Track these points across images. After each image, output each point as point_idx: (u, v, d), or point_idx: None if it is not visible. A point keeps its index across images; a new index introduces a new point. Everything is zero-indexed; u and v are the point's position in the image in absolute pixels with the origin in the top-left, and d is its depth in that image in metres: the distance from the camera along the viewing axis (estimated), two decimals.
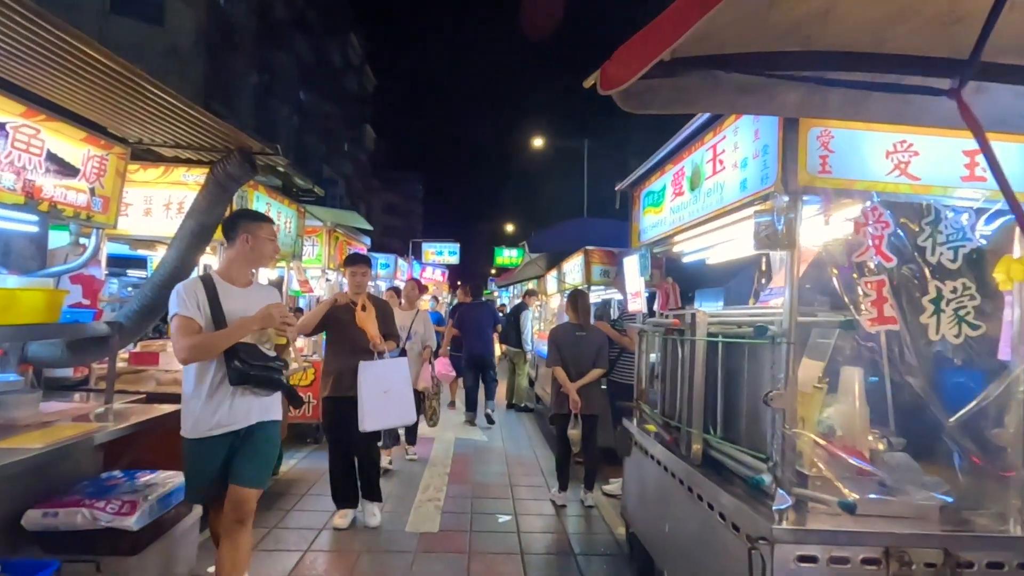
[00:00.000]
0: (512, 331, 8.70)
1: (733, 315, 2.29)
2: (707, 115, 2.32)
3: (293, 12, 35.24)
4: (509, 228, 30.81)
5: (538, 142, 26.04)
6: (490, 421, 7.56)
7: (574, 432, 4.38)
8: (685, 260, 3.36)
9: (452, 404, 8.59)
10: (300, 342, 5.63)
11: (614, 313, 6.10)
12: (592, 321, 4.85)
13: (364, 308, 3.60)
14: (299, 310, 6.23)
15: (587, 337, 4.51)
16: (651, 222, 3.22)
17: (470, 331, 7.38)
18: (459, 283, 9.13)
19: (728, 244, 2.87)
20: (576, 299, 4.61)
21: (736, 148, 2.18)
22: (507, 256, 19.18)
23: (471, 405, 7.74)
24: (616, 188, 3.59)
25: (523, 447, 6.47)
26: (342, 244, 6.61)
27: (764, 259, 3.35)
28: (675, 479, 2.59)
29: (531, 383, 9.55)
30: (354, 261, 3.93)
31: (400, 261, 10.69)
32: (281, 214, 4.60)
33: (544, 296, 10.18)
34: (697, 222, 2.55)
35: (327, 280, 6.20)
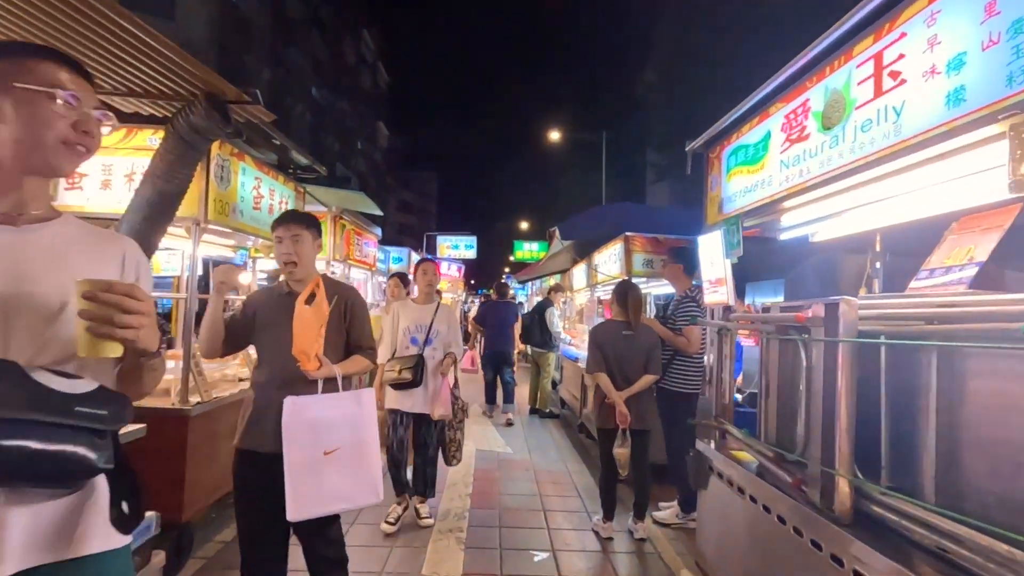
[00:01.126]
0: (536, 330, 7.94)
1: (907, 305, 1.53)
2: (866, 8, 1.56)
3: (307, 8, 34.90)
4: (525, 225, 30.03)
5: (555, 136, 25.31)
6: (509, 423, 7.38)
7: (621, 451, 3.63)
8: (783, 237, 2.59)
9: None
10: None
11: (649, 310, 5.37)
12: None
13: (309, 301, 2.05)
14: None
15: (636, 338, 3.76)
16: (742, 186, 2.46)
17: (492, 328, 7.75)
18: (497, 284, 9.37)
19: (898, 203, 1.98)
20: (625, 291, 3.86)
21: (933, 45, 1.42)
22: (527, 250, 18.34)
23: (490, 398, 7.99)
24: (687, 148, 2.84)
25: (552, 460, 5.73)
26: (349, 234, 5.93)
27: (877, 237, 2.59)
28: (799, 535, 1.84)
29: (554, 386, 8.82)
30: (281, 221, 2.27)
31: (415, 255, 10.00)
32: (275, 192, 3.92)
33: (569, 292, 9.43)
34: (840, 172, 1.79)
35: (332, 272, 5.52)
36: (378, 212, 5.39)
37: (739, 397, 5.00)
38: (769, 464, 2.11)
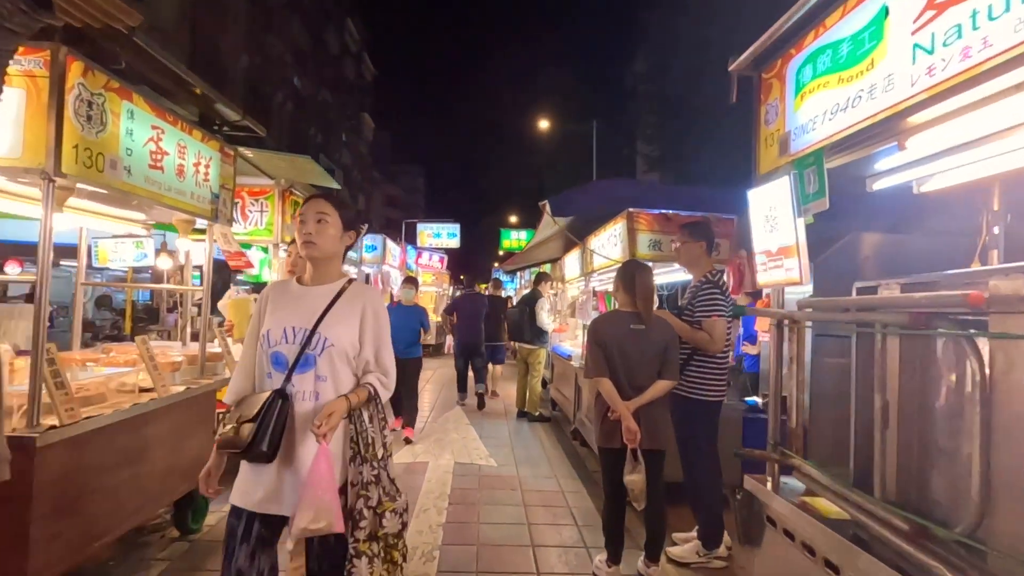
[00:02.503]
0: (524, 325, 7.14)
1: None
2: None
3: None
4: (514, 218, 29.13)
5: (545, 127, 24.50)
6: (481, 404, 7.86)
7: (635, 479, 2.83)
8: (878, 186, 1.79)
9: (494, 393, 8.74)
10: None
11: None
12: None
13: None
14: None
15: (648, 333, 2.96)
16: (826, 106, 1.65)
17: (462, 319, 7.99)
18: (467, 277, 9.80)
19: None
20: (632, 274, 3.05)
21: None
22: (515, 239, 17.41)
23: (462, 387, 8.21)
24: (730, 68, 2.04)
25: (543, 475, 4.94)
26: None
27: (995, 190, 1.83)
28: None
29: (544, 385, 8.05)
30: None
31: (390, 244, 9.13)
32: (187, 150, 3.07)
33: (560, 283, 8.62)
34: None
35: (282, 255, 4.67)
36: (335, 185, 4.54)
37: (758, 400, 4.25)
38: (882, 530, 1.32)
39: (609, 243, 4.83)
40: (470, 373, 8.13)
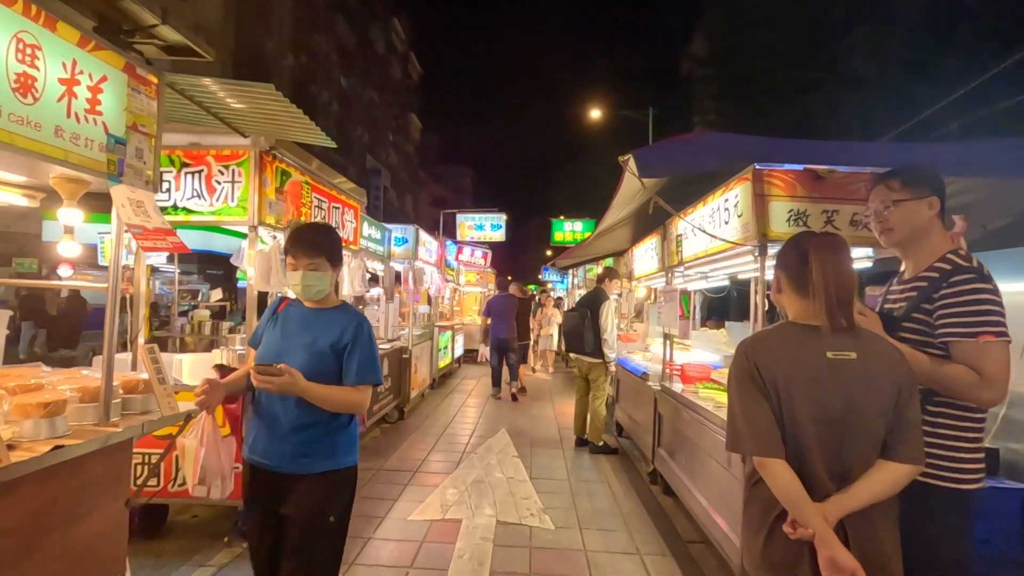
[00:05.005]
0: (586, 332, 5.71)
1: None
2: None
3: None
4: (563, 217, 27.50)
5: (597, 122, 22.87)
6: (515, 399, 8.42)
7: None
8: None
9: (523, 390, 8.86)
10: None
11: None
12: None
13: None
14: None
15: (861, 366, 1.52)
16: None
17: (496, 319, 8.57)
18: (499, 280, 10.23)
19: None
20: (806, 253, 1.61)
21: None
22: (569, 231, 15.82)
23: (496, 381, 8.77)
24: None
25: (619, 545, 3.53)
26: (299, 187, 3.84)
27: None
28: None
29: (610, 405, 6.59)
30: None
31: (424, 235, 7.88)
32: (46, 55, 1.84)
33: (627, 281, 7.13)
34: None
35: (265, 245, 3.44)
36: (327, 141, 3.28)
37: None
38: None
39: (717, 218, 3.35)
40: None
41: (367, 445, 5.74)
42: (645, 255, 5.69)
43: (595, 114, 22.32)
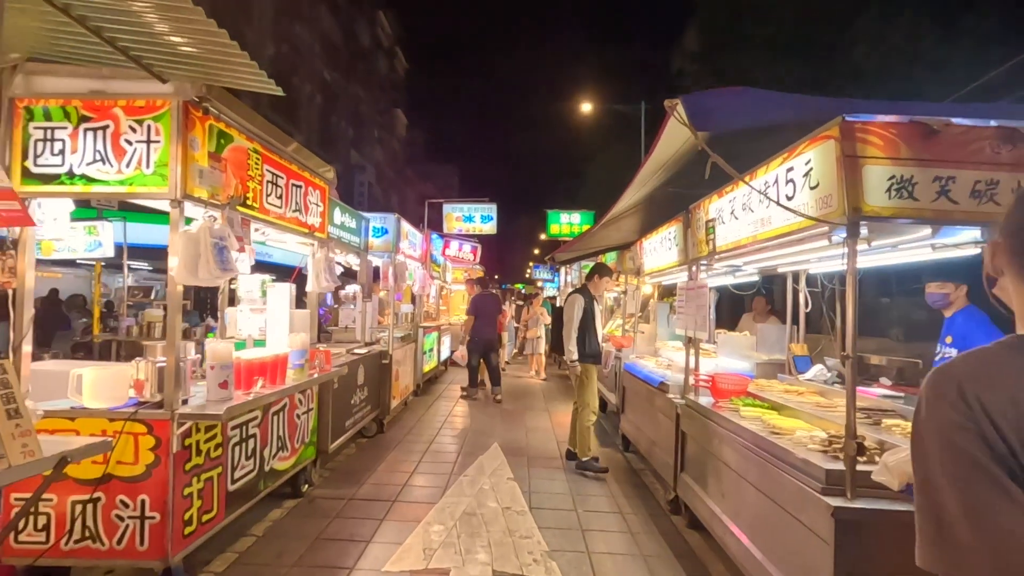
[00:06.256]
0: (585, 334, 5.04)
1: None
2: None
3: None
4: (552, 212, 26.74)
5: (588, 117, 22.19)
6: (498, 401, 8.19)
7: None
8: None
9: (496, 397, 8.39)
10: None
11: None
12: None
13: None
14: None
15: None
16: None
17: (481, 319, 8.30)
18: (479, 278, 9.51)
19: None
20: None
21: None
22: (566, 223, 15.02)
23: (473, 382, 8.50)
24: None
25: None
26: (243, 155, 3.05)
27: None
28: None
29: (603, 408, 5.87)
30: None
31: (407, 226, 7.08)
32: None
33: (631, 278, 6.41)
34: None
35: (198, 224, 2.64)
36: (276, 90, 2.51)
37: None
38: None
39: (771, 195, 2.63)
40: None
41: (339, 467, 4.95)
42: (660, 247, 4.97)
43: (586, 108, 21.63)
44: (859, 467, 2.08)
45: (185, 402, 2.69)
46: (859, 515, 2.02)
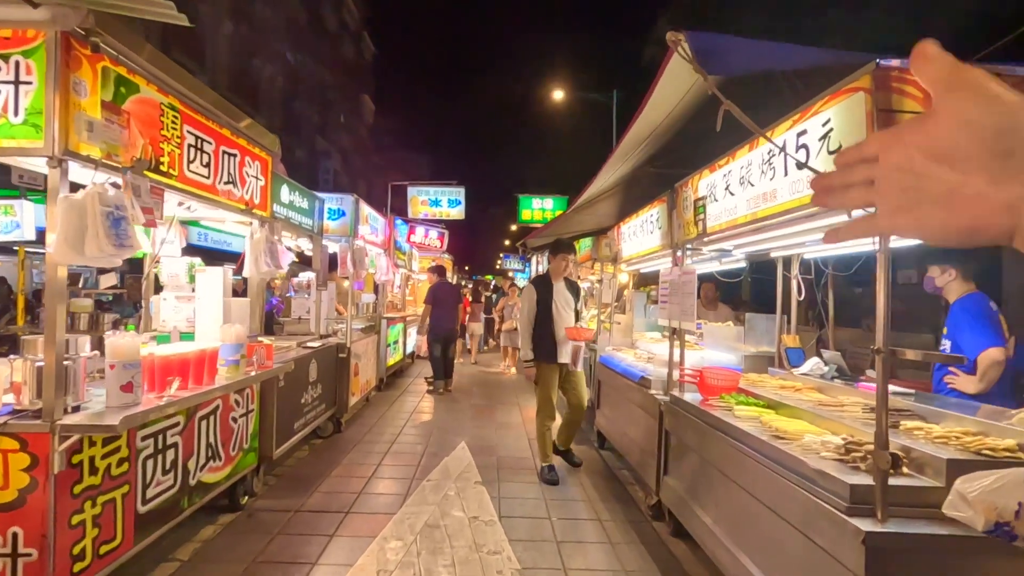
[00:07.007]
0: (540, 330, 4.68)
1: None
2: None
3: None
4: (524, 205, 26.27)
5: (559, 106, 21.77)
6: (447, 391, 8.09)
7: None
8: None
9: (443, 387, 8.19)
10: None
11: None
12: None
13: None
14: None
15: None
16: None
17: (441, 308, 8.03)
18: (435, 266, 8.88)
19: None
20: None
21: None
22: (538, 208, 14.49)
23: (439, 374, 8.13)
24: None
25: None
26: (152, 108, 2.53)
27: None
28: None
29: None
30: None
31: (367, 209, 6.55)
32: None
33: (609, 265, 6.04)
34: None
35: (86, 190, 2.13)
36: (180, 19, 2.01)
37: None
38: None
39: (777, 164, 2.26)
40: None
41: (288, 472, 4.46)
42: (641, 231, 4.60)
43: (558, 95, 21.20)
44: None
45: (76, 409, 2.19)
46: (895, 541, 1.68)
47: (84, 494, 2.19)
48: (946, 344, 3.25)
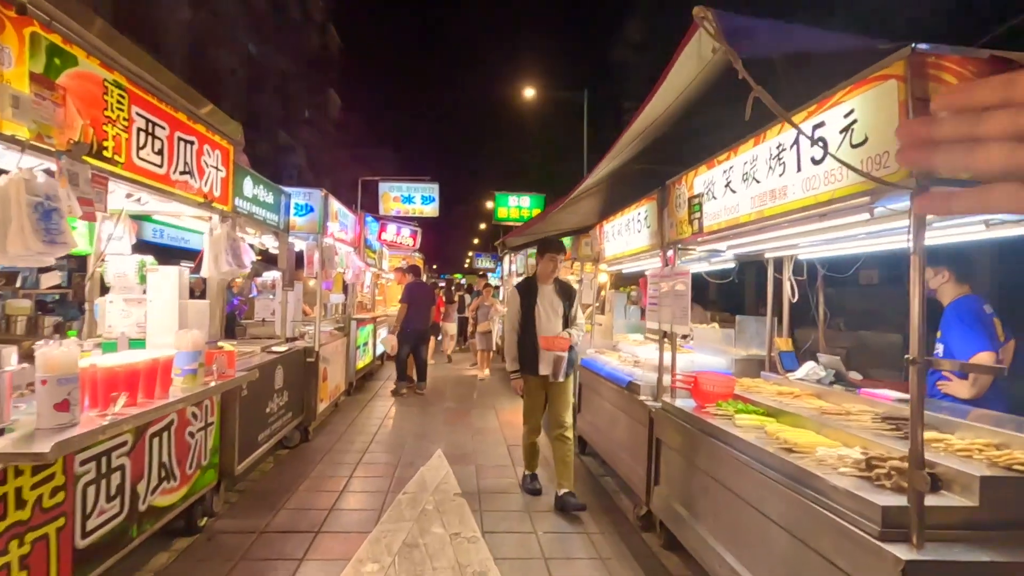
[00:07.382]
0: (525, 339, 4.33)
1: None
2: None
3: None
4: (490, 203, 26.03)
5: (530, 105, 21.65)
6: (420, 392, 7.93)
7: None
8: None
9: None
10: None
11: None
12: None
13: None
14: None
15: None
16: None
17: (415, 307, 7.77)
18: (409, 265, 8.73)
19: None
20: None
21: None
22: (514, 206, 14.24)
23: (401, 375, 7.91)
24: None
25: None
26: (94, 85, 2.22)
27: None
28: None
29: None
30: None
31: (336, 204, 6.22)
32: None
33: (590, 266, 5.89)
34: None
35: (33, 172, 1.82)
36: None
37: None
38: None
39: (788, 159, 2.12)
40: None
41: (251, 487, 4.13)
42: (627, 230, 4.45)
43: (529, 93, 21.04)
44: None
45: (0, 433, 1.87)
46: (937, 570, 1.54)
47: (9, 532, 1.87)
48: (939, 348, 3.19)
